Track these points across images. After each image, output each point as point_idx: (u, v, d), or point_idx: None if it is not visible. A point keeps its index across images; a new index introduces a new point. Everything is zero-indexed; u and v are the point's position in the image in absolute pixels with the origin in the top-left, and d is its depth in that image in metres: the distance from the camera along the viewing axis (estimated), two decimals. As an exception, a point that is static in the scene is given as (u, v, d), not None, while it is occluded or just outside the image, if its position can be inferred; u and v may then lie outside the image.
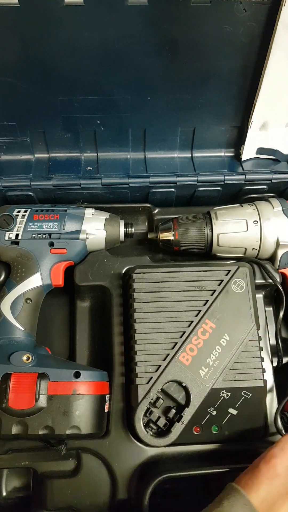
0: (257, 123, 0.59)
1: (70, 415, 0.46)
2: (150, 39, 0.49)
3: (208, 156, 0.64)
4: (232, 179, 0.61)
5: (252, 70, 0.53)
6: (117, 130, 0.60)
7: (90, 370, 0.49)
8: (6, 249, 0.55)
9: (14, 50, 0.49)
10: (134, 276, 0.52)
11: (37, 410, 0.45)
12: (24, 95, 0.54)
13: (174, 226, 0.58)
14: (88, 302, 0.59)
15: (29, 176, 0.60)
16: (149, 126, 0.60)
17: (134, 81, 0.54)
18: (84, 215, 0.57)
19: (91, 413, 0.47)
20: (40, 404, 0.46)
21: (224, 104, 0.58)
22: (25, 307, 0.53)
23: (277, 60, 0.51)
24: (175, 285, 0.51)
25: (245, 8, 0.47)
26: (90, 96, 0.55)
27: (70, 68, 0.52)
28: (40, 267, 0.55)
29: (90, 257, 0.57)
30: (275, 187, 0.63)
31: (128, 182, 0.60)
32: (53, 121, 0.58)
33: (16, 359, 0.48)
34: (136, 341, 0.49)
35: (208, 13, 0.47)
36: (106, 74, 0.53)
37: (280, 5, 0.46)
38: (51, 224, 0.56)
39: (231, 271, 0.52)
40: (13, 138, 0.60)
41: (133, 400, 0.48)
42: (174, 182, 0.61)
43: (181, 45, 0.50)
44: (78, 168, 0.62)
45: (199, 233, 0.58)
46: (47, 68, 0.51)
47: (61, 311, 0.61)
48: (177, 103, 0.57)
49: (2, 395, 0.45)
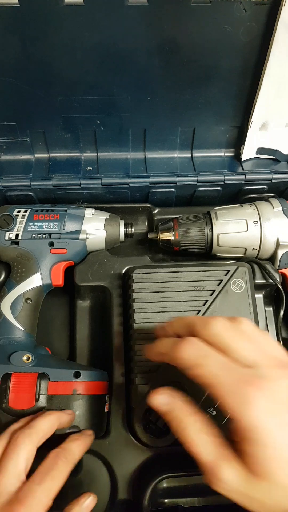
0: (257, 123, 0.59)
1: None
2: (150, 39, 0.49)
3: (208, 156, 0.64)
4: (232, 179, 0.61)
5: (252, 70, 0.53)
6: (117, 130, 0.60)
7: (90, 370, 0.49)
8: (6, 249, 0.55)
9: (14, 50, 0.49)
10: (133, 276, 0.52)
11: (37, 410, 0.45)
12: (24, 95, 0.54)
13: (174, 226, 0.58)
14: (88, 302, 0.59)
15: (29, 176, 0.60)
16: (149, 126, 0.60)
17: (134, 81, 0.54)
18: (84, 215, 0.57)
19: (91, 413, 0.47)
20: (40, 404, 0.46)
21: (224, 104, 0.58)
22: (25, 307, 0.53)
23: (277, 60, 0.51)
24: (175, 285, 0.51)
25: (245, 8, 0.47)
26: (90, 96, 0.55)
27: (70, 68, 0.52)
28: (40, 267, 0.55)
29: (90, 257, 0.58)
30: (275, 187, 0.63)
31: (128, 182, 0.60)
32: (53, 121, 0.58)
33: (16, 359, 0.48)
34: (135, 341, 0.49)
35: (208, 13, 0.47)
36: (106, 74, 0.53)
37: (280, 5, 0.46)
38: (51, 224, 0.56)
39: (230, 271, 0.52)
40: (13, 138, 0.60)
41: (133, 400, 0.48)
42: (174, 182, 0.61)
43: (181, 45, 0.50)
44: (78, 168, 0.62)
45: (199, 233, 0.58)
46: (47, 68, 0.51)
47: (61, 311, 0.61)
48: (177, 103, 0.57)
49: (2, 395, 0.46)
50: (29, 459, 0.39)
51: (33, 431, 0.40)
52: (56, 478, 0.38)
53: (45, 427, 0.41)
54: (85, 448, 0.43)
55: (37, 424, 0.41)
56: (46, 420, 0.42)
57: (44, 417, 0.42)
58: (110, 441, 0.49)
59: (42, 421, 0.42)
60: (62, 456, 0.39)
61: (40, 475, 0.37)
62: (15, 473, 0.37)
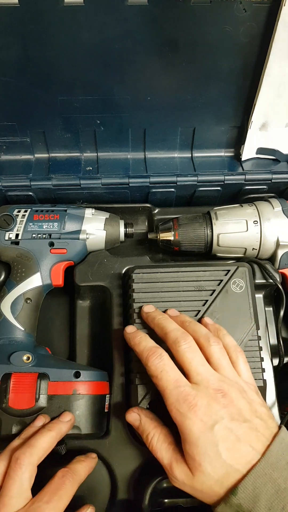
0: (257, 123, 0.59)
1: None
2: (150, 39, 0.49)
3: (208, 156, 0.64)
4: (232, 179, 0.61)
5: (252, 70, 0.53)
6: (117, 130, 0.60)
7: (90, 370, 0.49)
8: (6, 249, 0.55)
9: (14, 50, 0.49)
10: (133, 276, 0.52)
11: (37, 410, 0.45)
12: (24, 95, 0.54)
13: (174, 226, 0.58)
14: (88, 302, 0.59)
15: (29, 176, 0.60)
16: (149, 126, 0.60)
17: (134, 81, 0.54)
18: (84, 215, 0.57)
19: (91, 413, 0.47)
20: (40, 404, 0.46)
21: (224, 104, 0.58)
22: (25, 307, 0.53)
23: (277, 60, 0.51)
24: (175, 285, 0.51)
25: (245, 8, 0.47)
26: (90, 96, 0.55)
27: (70, 68, 0.52)
28: (40, 267, 0.55)
29: (90, 257, 0.57)
30: (275, 187, 0.63)
31: (128, 182, 0.60)
32: (53, 121, 0.58)
33: (16, 359, 0.48)
34: (136, 341, 0.49)
35: (208, 13, 0.47)
36: (106, 74, 0.53)
37: (280, 5, 0.46)
38: (51, 224, 0.56)
39: (230, 271, 0.52)
40: (13, 138, 0.60)
41: (133, 400, 0.48)
42: (174, 182, 0.61)
43: (181, 45, 0.50)
44: (78, 168, 0.62)
45: (199, 233, 0.58)
46: (47, 68, 0.51)
47: (61, 311, 0.61)
48: (177, 103, 0.57)
49: (2, 395, 0.46)
50: (31, 477, 0.40)
51: (34, 451, 0.41)
52: (63, 498, 0.39)
53: (45, 445, 0.42)
54: (90, 470, 0.45)
55: (37, 442, 0.42)
56: (46, 438, 0.42)
57: (44, 435, 0.42)
58: (110, 441, 0.49)
59: (42, 438, 0.42)
60: (69, 476, 0.41)
61: (48, 494, 0.39)
62: (21, 493, 0.39)
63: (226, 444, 0.37)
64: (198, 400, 0.39)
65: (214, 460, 0.37)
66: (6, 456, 0.41)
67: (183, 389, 0.40)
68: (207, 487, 0.38)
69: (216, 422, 0.38)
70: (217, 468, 0.37)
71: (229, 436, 0.38)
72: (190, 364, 0.41)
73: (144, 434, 0.43)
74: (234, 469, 0.37)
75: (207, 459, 0.37)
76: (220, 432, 0.38)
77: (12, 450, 0.42)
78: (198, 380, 0.41)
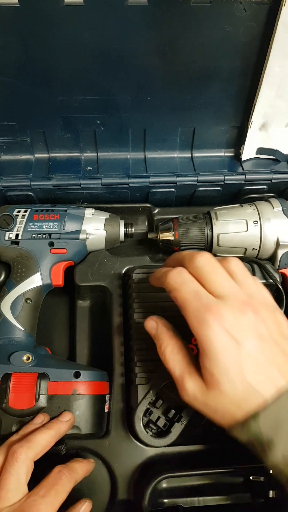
0: (257, 123, 0.59)
1: (70, 415, 0.46)
2: (150, 39, 0.49)
3: (208, 156, 0.64)
4: (232, 179, 0.61)
5: (252, 70, 0.53)
6: (117, 130, 0.60)
7: (90, 370, 0.49)
8: (6, 249, 0.55)
9: (14, 50, 0.49)
10: (133, 276, 0.52)
11: (37, 410, 0.46)
12: (24, 95, 0.54)
13: (174, 226, 0.58)
14: (88, 302, 0.59)
15: (29, 176, 0.60)
16: (149, 126, 0.60)
17: (134, 81, 0.54)
18: (84, 215, 0.57)
19: (91, 413, 0.47)
20: (40, 404, 0.46)
21: (224, 104, 0.58)
22: (25, 307, 0.53)
23: (277, 60, 0.51)
24: (175, 285, 0.51)
25: (245, 8, 0.47)
26: (90, 96, 0.55)
27: (70, 68, 0.52)
28: (40, 267, 0.55)
29: (90, 257, 0.58)
30: (275, 187, 0.63)
31: (128, 182, 0.60)
32: (53, 121, 0.58)
33: (16, 359, 0.48)
34: (135, 341, 0.49)
35: (208, 13, 0.47)
36: (106, 74, 0.53)
37: (280, 5, 0.46)
38: (51, 224, 0.56)
39: (231, 271, 0.52)
40: (13, 138, 0.60)
41: (133, 400, 0.48)
42: (174, 182, 0.61)
43: (181, 45, 0.50)
44: (78, 168, 0.62)
45: (199, 233, 0.58)
46: (47, 68, 0.51)
47: (61, 311, 0.61)
48: (177, 103, 0.57)
49: (2, 395, 0.46)
50: (28, 472, 0.40)
51: (31, 445, 0.41)
52: (59, 493, 0.39)
53: (43, 441, 0.42)
54: (87, 471, 0.45)
55: (35, 438, 0.42)
56: (44, 435, 0.42)
57: (43, 432, 0.42)
58: (110, 441, 0.49)
59: (40, 435, 0.42)
60: (66, 472, 0.41)
61: (44, 488, 0.39)
62: (17, 487, 0.39)
63: (251, 363, 0.34)
64: (223, 310, 0.35)
65: (236, 380, 0.34)
66: (4, 451, 0.41)
67: (206, 299, 0.36)
68: (222, 407, 0.35)
69: (244, 337, 0.35)
70: (237, 389, 0.34)
71: (256, 356, 0.35)
72: (212, 278, 0.37)
73: (158, 343, 0.40)
74: (257, 393, 0.34)
75: (227, 377, 0.34)
76: (246, 349, 0.34)
77: (10, 445, 0.42)
78: (224, 293, 0.37)
